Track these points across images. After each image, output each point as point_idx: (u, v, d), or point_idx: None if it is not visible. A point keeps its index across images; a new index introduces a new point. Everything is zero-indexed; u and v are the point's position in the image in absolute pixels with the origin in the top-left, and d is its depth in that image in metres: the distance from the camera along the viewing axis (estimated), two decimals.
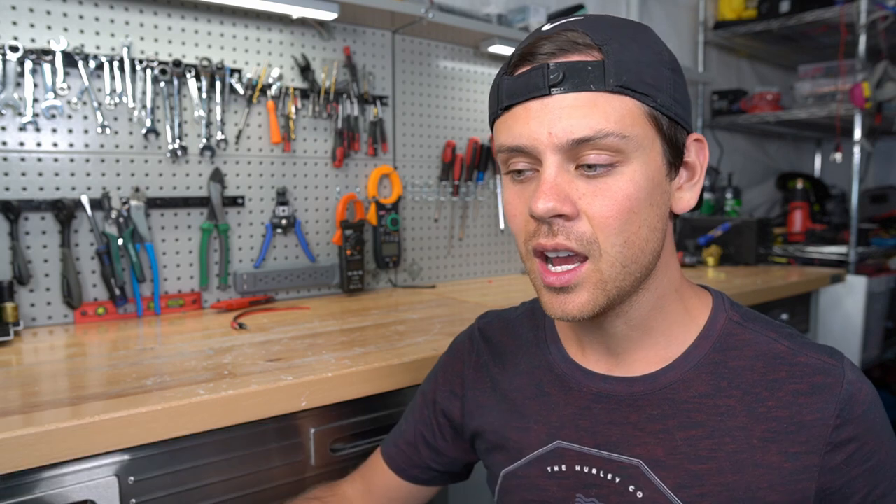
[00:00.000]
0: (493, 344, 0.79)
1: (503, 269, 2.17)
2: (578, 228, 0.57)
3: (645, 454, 0.61)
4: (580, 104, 0.55)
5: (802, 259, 2.68)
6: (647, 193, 0.57)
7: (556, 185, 0.56)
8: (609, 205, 0.56)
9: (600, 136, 0.54)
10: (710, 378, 0.62)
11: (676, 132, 0.59)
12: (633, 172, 0.56)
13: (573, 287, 0.58)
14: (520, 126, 0.58)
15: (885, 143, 3.50)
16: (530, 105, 0.57)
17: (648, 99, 0.56)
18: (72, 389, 0.88)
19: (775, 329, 0.63)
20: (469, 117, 2.04)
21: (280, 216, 1.64)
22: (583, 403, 0.67)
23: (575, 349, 0.70)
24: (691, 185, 0.63)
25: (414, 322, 1.35)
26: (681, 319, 0.65)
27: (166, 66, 1.43)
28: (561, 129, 0.55)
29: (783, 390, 0.59)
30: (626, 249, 0.57)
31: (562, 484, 0.66)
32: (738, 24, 2.84)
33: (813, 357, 0.60)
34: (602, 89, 0.55)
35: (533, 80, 0.56)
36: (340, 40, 1.73)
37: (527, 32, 1.94)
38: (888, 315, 2.64)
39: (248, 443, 0.91)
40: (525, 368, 0.73)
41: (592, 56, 0.56)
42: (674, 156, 0.60)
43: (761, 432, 0.58)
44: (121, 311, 1.41)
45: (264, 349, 1.11)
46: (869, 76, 2.42)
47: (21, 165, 1.30)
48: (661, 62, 0.58)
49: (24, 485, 0.75)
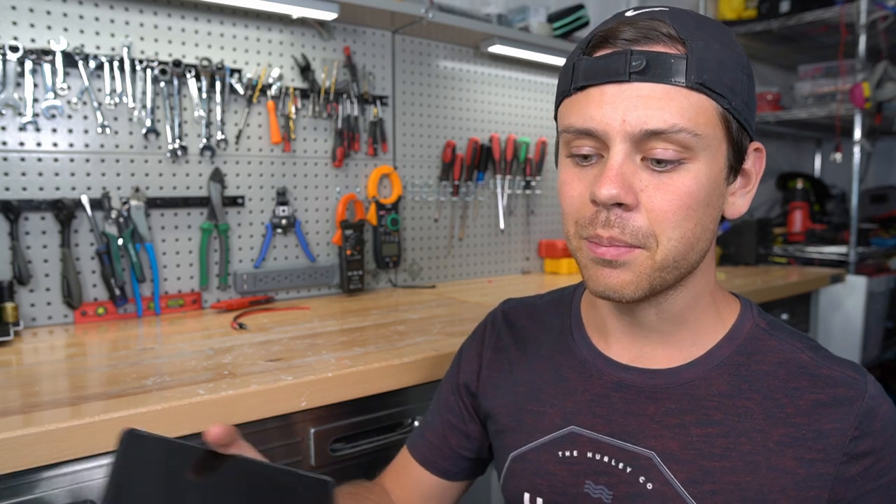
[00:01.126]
0: (515, 327, 0.80)
1: (503, 269, 2.17)
2: (635, 222, 0.56)
3: (659, 447, 0.62)
4: (657, 95, 0.54)
5: (802, 259, 2.68)
6: (706, 193, 0.57)
7: (622, 173, 0.55)
8: (670, 199, 0.56)
9: (673, 130, 0.54)
10: (731, 378, 0.62)
11: (742, 138, 0.60)
12: (698, 171, 0.56)
13: (621, 263, 0.58)
14: (593, 109, 0.56)
15: (885, 143, 3.50)
16: (606, 89, 0.56)
17: (724, 101, 0.56)
18: (72, 389, 0.88)
19: (801, 340, 0.64)
20: (469, 117, 2.04)
21: (280, 216, 1.64)
22: (601, 391, 0.67)
23: (598, 338, 0.70)
24: (745, 192, 0.63)
25: (414, 322, 1.35)
26: (710, 320, 0.65)
27: (166, 66, 1.43)
28: (635, 118, 0.54)
29: (804, 399, 0.59)
30: (681, 245, 0.57)
31: (572, 469, 0.67)
32: (738, 24, 2.84)
33: (836, 370, 0.60)
34: (681, 84, 0.54)
35: (613, 63, 0.55)
36: (340, 40, 1.73)
37: (527, 32, 1.94)
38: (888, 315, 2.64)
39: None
40: (546, 353, 0.74)
41: (676, 49, 0.55)
42: (736, 160, 0.60)
43: (778, 436, 0.58)
44: (121, 311, 1.41)
45: (264, 349, 1.11)
46: (869, 76, 2.42)
47: (21, 165, 1.30)
48: (740, 66, 0.58)
49: (24, 485, 0.75)
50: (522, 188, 2.17)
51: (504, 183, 2.10)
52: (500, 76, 2.11)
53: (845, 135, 2.63)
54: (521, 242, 2.21)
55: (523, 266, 2.23)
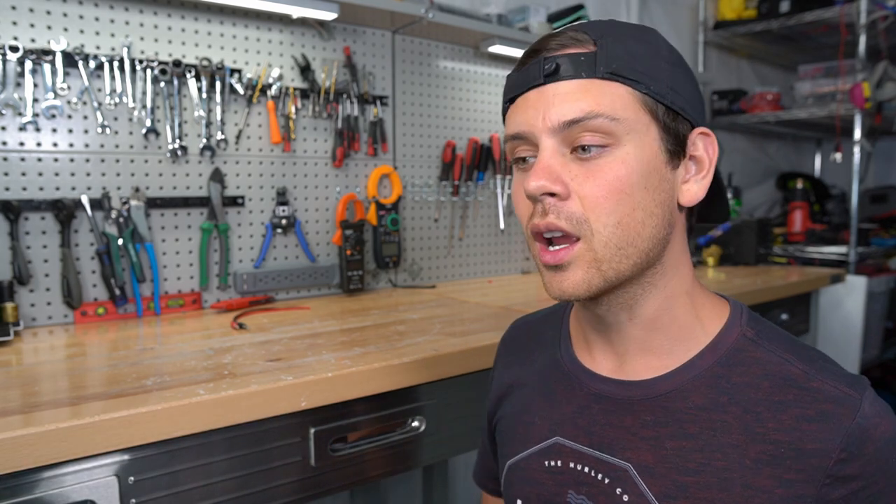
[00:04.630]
0: (517, 344, 0.82)
1: (503, 269, 2.17)
2: (569, 208, 0.58)
3: (635, 458, 0.61)
4: (572, 90, 0.58)
5: (802, 259, 2.68)
6: (640, 177, 0.58)
7: (549, 165, 0.58)
8: (600, 185, 0.57)
9: (590, 116, 0.57)
10: (709, 391, 0.60)
11: (676, 122, 0.60)
12: (625, 155, 0.58)
13: (567, 265, 0.59)
14: (519, 114, 0.61)
15: (885, 143, 3.50)
16: (528, 95, 0.61)
17: (640, 86, 0.58)
18: (72, 389, 0.88)
19: (794, 351, 0.60)
20: (469, 117, 2.04)
21: (280, 216, 1.64)
22: (583, 402, 0.67)
23: (582, 350, 0.71)
24: (699, 177, 0.63)
25: (414, 322, 1.35)
26: (690, 326, 0.64)
27: (166, 66, 1.43)
28: (554, 113, 0.58)
29: (787, 413, 0.56)
30: (620, 230, 0.58)
31: (556, 479, 0.67)
32: (738, 24, 2.84)
33: (829, 384, 0.56)
34: (593, 76, 0.58)
35: (531, 72, 0.60)
36: (340, 40, 1.73)
37: (526, 32, 1.95)
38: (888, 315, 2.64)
39: (248, 443, 0.91)
40: (539, 366, 0.76)
41: (586, 48, 0.59)
42: (674, 144, 0.60)
43: (756, 453, 0.56)
44: (121, 311, 1.41)
45: (264, 349, 1.11)
46: (869, 76, 2.42)
47: (21, 165, 1.30)
48: (658, 55, 0.60)
49: (24, 485, 0.75)
50: None
51: (504, 183, 2.10)
52: (500, 76, 2.11)
53: (845, 135, 2.63)
54: (521, 242, 2.21)
55: (523, 266, 2.23)
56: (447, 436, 1.13)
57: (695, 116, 0.62)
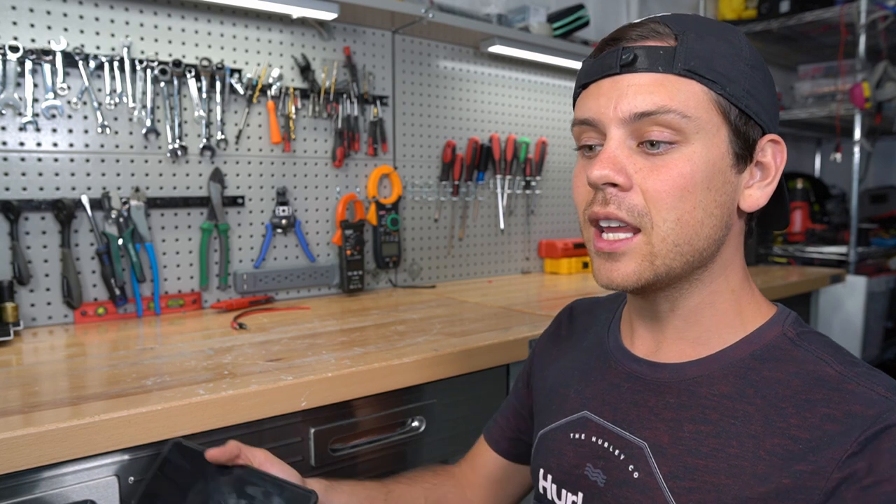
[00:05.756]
0: (576, 321, 0.84)
1: (503, 269, 2.17)
2: (631, 200, 0.58)
3: (651, 438, 0.62)
4: (647, 83, 0.58)
5: (802, 259, 2.69)
6: (704, 176, 0.58)
7: (614, 156, 0.58)
8: (664, 180, 0.58)
9: (662, 111, 0.57)
10: (736, 381, 0.61)
11: (748, 126, 0.60)
12: (691, 153, 0.58)
13: (621, 255, 0.60)
14: (591, 101, 0.61)
15: (885, 143, 3.50)
16: (602, 83, 0.61)
17: (716, 86, 0.58)
18: (72, 389, 0.88)
19: (834, 354, 0.59)
20: (469, 117, 2.04)
21: (280, 216, 1.64)
22: (615, 381, 0.69)
23: (627, 333, 0.73)
24: (763, 184, 0.63)
25: (414, 322, 1.35)
26: (731, 322, 0.64)
27: (166, 66, 1.43)
28: (626, 104, 0.58)
29: (812, 412, 0.55)
30: (679, 227, 0.58)
31: (578, 451, 0.69)
32: (738, 24, 2.84)
33: (863, 386, 0.54)
34: (670, 72, 0.58)
35: (607, 60, 0.60)
36: (340, 40, 1.73)
37: (527, 32, 1.95)
38: (888, 315, 2.64)
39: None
40: (588, 345, 0.78)
41: (667, 42, 0.59)
42: (742, 148, 0.60)
43: (771, 445, 0.56)
44: (121, 311, 1.41)
45: (264, 349, 1.11)
46: (869, 76, 2.42)
47: (21, 165, 1.30)
48: (739, 56, 0.60)
49: (24, 485, 0.75)
50: (522, 188, 2.17)
51: (504, 183, 2.10)
52: (500, 76, 2.11)
53: (845, 135, 2.63)
54: (521, 242, 2.21)
55: (523, 266, 2.23)
56: (447, 436, 1.13)
57: (767, 122, 0.62)
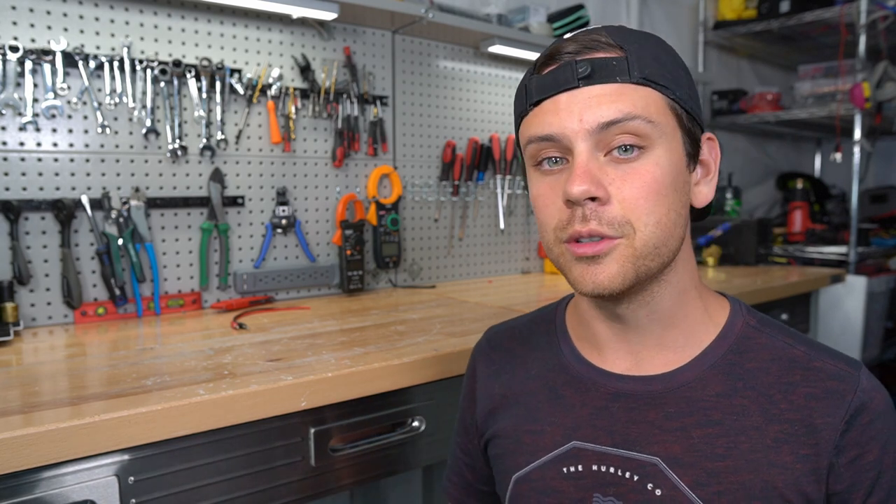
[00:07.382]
0: (502, 351, 0.80)
1: (503, 269, 2.17)
2: (610, 213, 0.58)
3: (663, 452, 0.62)
4: (609, 92, 0.59)
5: (802, 259, 2.69)
6: (671, 178, 0.60)
7: (589, 170, 0.58)
8: (639, 186, 0.58)
9: (628, 118, 0.58)
10: (725, 378, 0.63)
11: (693, 126, 0.63)
12: (658, 157, 0.59)
13: (604, 256, 0.59)
14: (549, 117, 0.61)
15: (885, 143, 3.50)
16: (559, 98, 0.60)
17: (669, 91, 0.60)
18: (72, 389, 0.88)
19: (791, 336, 0.65)
20: (469, 117, 2.04)
21: (280, 216, 1.64)
22: (600, 403, 0.67)
23: (590, 350, 0.71)
24: (707, 180, 0.66)
25: (414, 322, 1.35)
26: (700, 319, 0.66)
27: (166, 66, 1.43)
28: (591, 115, 0.58)
29: (796, 393, 0.60)
30: (658, 230, 0.59)
31: (578, 484, 0.66)
32: (738, 24, 2.84)
33: (829, 363, 0.61)
34: (627, 81, 0.59)
35: (562, 75, 0.60)
36: (340, 40, 1.73)
37: (527, 32, 1.95)
38: (888, 315, 2.64)
39: (248, 443, 0.91)
40: (537, 372, 0.74)
41: (615, 53, 0.60)
42: (692, 148, 0.63)
43: (774, 433, 0.60)
44: (121, 311, 1.41)
45: (264, 349, 1.11)
46: (869, 76, 2.42)
47: (21, 165, 1.30)
48: (676, 62, 0.63)
49: (24, 485, 0.75)
50: (522, 188, 2.17)
51: (504, 183, 2.10)
52: (500, 76, 2.11)
53: (845, 135, 2.63)
54: (521, 242, 2.21)
55: (523, 266, 2.23)
56: (447, 436, 1.12)
57: (703, 121, 0.65)
